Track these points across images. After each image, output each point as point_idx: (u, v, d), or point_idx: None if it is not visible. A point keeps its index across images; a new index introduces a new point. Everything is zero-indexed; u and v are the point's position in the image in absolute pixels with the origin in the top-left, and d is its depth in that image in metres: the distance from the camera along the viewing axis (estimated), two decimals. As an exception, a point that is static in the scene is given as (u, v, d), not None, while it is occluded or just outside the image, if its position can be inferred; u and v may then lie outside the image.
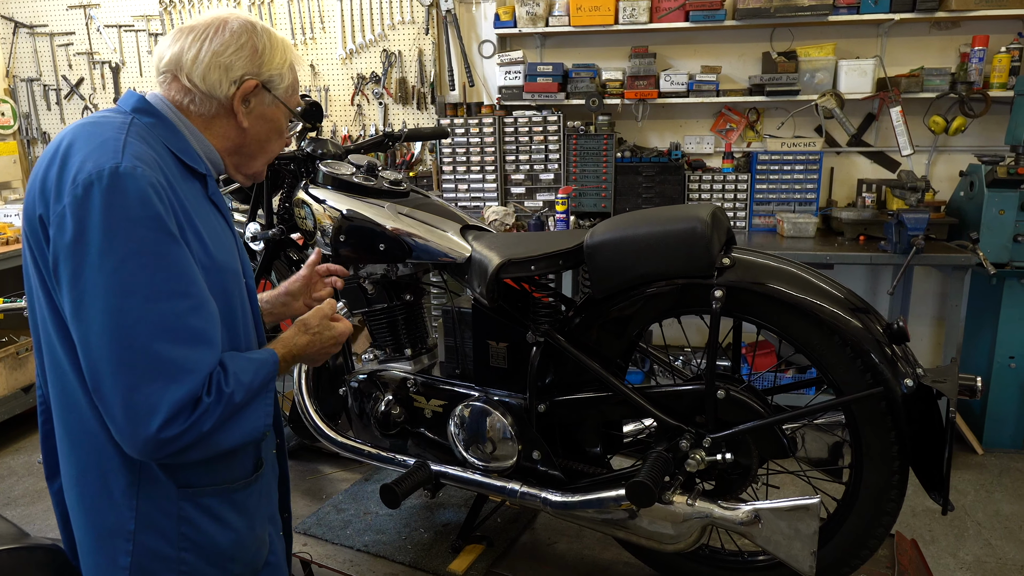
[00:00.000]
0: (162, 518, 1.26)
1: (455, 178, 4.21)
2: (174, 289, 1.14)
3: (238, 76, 1.30)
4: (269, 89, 1.34)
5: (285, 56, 1.36)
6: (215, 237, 1.28)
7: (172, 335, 1.13)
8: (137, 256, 1.11)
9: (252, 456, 1.39)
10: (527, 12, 3.98)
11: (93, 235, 1.10)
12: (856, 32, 3.94)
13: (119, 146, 1.16)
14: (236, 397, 1.20)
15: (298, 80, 1.43)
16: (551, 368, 1.95)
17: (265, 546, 1.45)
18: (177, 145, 1.28)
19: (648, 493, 1.64)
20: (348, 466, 2.62)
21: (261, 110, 1.35)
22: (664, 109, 4.21)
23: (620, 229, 1.77)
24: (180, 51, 1.29)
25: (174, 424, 1.12)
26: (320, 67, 4.32)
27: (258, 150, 1.40)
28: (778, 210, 4.05)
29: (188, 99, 1.31)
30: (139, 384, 1.11)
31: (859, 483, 1.69)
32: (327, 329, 1.47)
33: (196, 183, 1.30)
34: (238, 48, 1.30)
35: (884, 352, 1.60)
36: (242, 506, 1.35)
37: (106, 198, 1.11)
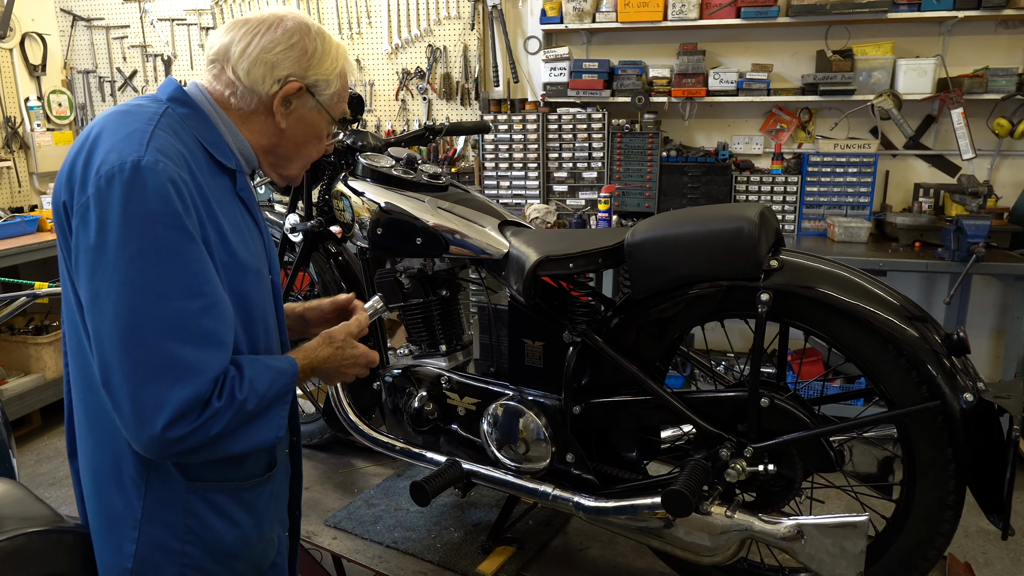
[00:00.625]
0: (169, 510, 1.25)
1: (497, 175, 4.17)
2: (187, 288, 1.12)
3: (283, 76, 1.27)
4: (313, 93, 1.31)
5: (336, 63, 1.33)
6: (239, 234, 1.26)
7: (182, 334, 1.11)
8: (152, 253, 1.10)
9: (265, 457, 1.37)
10: (574, 8, 3.92)
11: (111, 229, 1.09)
12: (916, 30, 3.78)
13: (144, 138, 1.14)
14: (249, 405, 1.18)
15: (347, 89, 1.39)
16: (588, 369, 1.89)
17: (273, 547, 1.42)
18: (208, 138, 1.26)
19: (685, 502, 1.58)
20: (381, 461, 2.60)
21: (302, 113, 1.32)
22: (712, 108, 4.11)
23: (663, 228, 1.71)
24: (230, 42, 1.27)
25: (180, 424, 1.11)
26: (366, 62, 4.33)
27: (294, 152, 1.37)
28: (829, 214, 3.91)
29: (230, 91, 1.28)
30: (147, 382, 1.10)
31: (911, 502, 1.61)
32: (350, 347, 1.42)
33: (225, 178, 1.28)
34: (287, 47, 1.27)
35: (942, 364, 1.51)
36: (251, 505, 1.34)
37: (126, 192, 1.10)
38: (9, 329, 3.99)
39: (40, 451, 3.40)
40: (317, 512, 2.31)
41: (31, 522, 1.45)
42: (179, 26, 4.50)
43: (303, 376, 1.35)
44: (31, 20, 4.42)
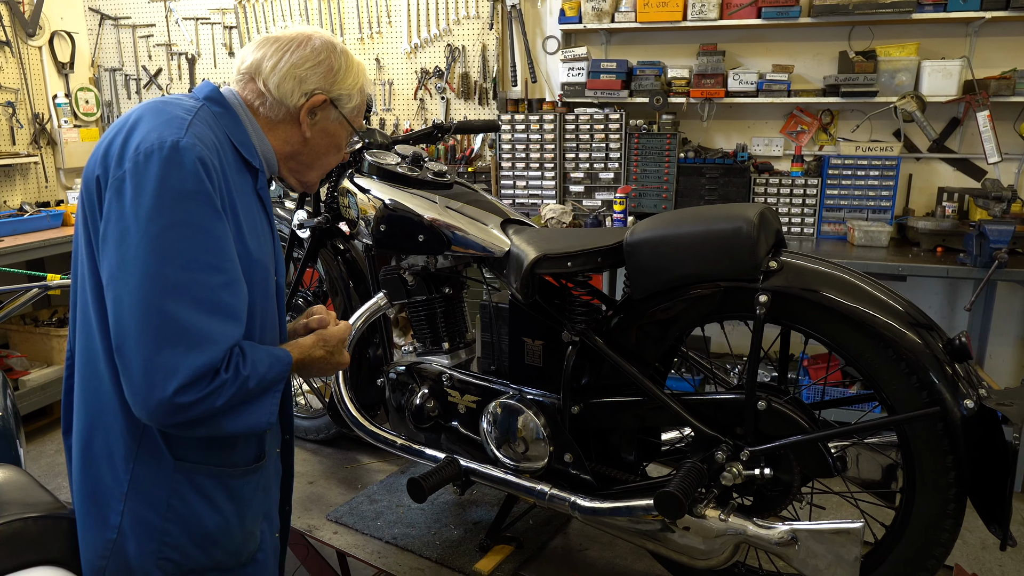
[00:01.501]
0: (154, 487, 1.29)
1: (514, 175, 4.17)
2: (211, 263, 1.18)
3: (310, 89, 1.37)
4: (336, 106, 1.41)
5: (358, 79, 1.44)
6: (253, 230, 1.33)
7: (202, 305, 1.17)
8: (182, 226, 1.16)
9: (255, 447, 1.40)
10: (593, 8, 3.91)
11: (145, 200, 1.16)
12: (942, 31, 3.71)
13: (184, 124, 1.23)
14: (251, 383, 1.22)
15: (366, 103, 1.50)
16: (587, 369, 1.88)
17: (255, 540, 1.44)
18: (238, 137, 1.34)
19: (677, 505, 1.56)
20: (386, 458, 2.62)
21: (325, 124, 1.42)
22: (731, 109, 4.07)
23: (662, 227, 1.69)
24: (262, 58, 1.37)
25: (190, 391, 1.15)
26: (385, 61, 4.36)
27: (314, 160, 1.47)
28: (850, 217, 3.85)
29: (259, 101, 1.38)
30: (162, 346, 1.14)
31: (911, 509, 1.57)
32: (339, 354, 1.49)
33: (248, 175, 1.36)
34: (315, 64, 1.38)
35: (943, 369, 1.48)
36: (236, 493, 1.37)
37: (164, 167, 1.17)
38: (33, 321, 4.08)
39: (59, 440, 3.48)
40: (320, 506, 2.33)
41: (30, 508, 1.48)
42: (203, 25, 4.57)
43: (294, 369, 1.38)
44: (60, 19, 4.52)
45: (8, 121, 4.24)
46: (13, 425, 2.02)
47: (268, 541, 1.49)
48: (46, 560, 1.42)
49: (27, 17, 4.27)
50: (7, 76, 4.24)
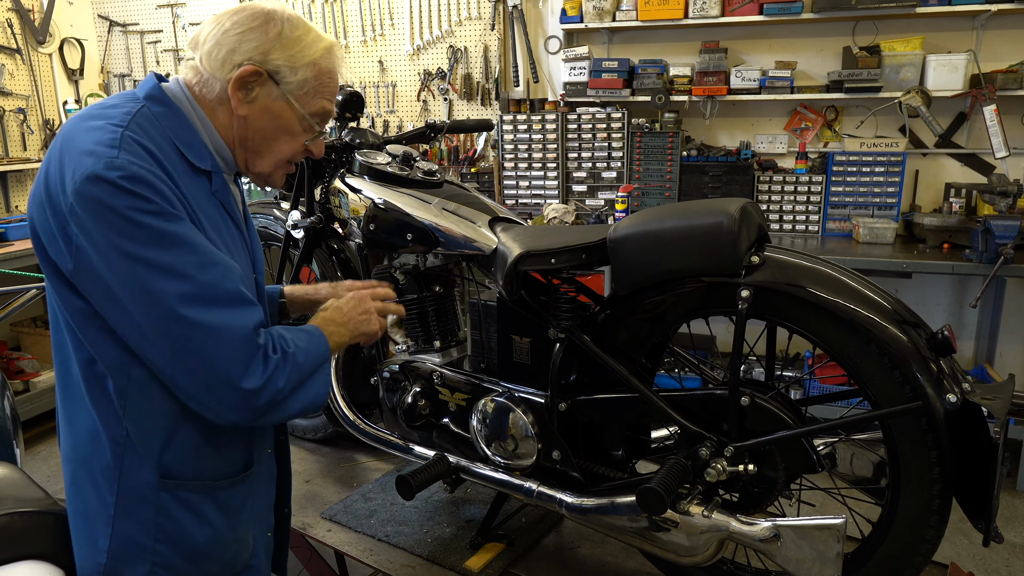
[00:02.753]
0: (140, 506, 1.25)
1: (516, 174, 4.18)
2: (201, 261, 1.15)
3: (238, 60, 1.23)
4: (276, 80, 1.26)
5: (306, 52, 1.26)
6: (219, 235, 1.26)
7: (212, 303, 1.15)
8: (155, 241, 1.11)
9: (242, 455, 1.37)
10: (594, 7, 3.91)
11: (102, 233, 1.10)
12: (947, 25, 3.67)
13: (115, 140, 1.13)
14: (299, 357, 1.24)
15: (326, 84, 1.31)
16: (574, 366, 1.88)
17: (247, 548, 1.41)
18: (183, 138, 1.23)
19: (659, 501, 1.55)
20: (383, 457, 2.63)
21: (265, 102, 1.27)
22: (734, 106, 4.05)
23: (644, 223, 1.69)
24: (201, 29, 1.26)
25: (251, 376, 1.16)
26: (388, 63, 4.39)
27: (263, 147, 1.32)
28: (855, 214, 3.82)
29: (196, 79, 1.26)
30: (213, 353, 1.14)
31: (896, 505, 1.55)
32: (358, 302, 1.48)
33: (202, 179, 1.26)
34: (247, 30, 1.23)
35: (926, 364, 1.46)
36: (225, 505, 1.34)
37: (106, 195, 1.09)
38: (44, 323, 4.14)
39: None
40: (315, 504, 2.35)
41: (21, 504, 1.50)
42: (210, 30, 4.62)
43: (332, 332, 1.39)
44: (70, 26, 4.59)
45: (19, 127, 4.32)
46: (10, 426, 2.06)
47: (260, 543, 1.46)
48: (34, 555, 1.44)
49: (37, 25, 4.35)
50: (18, 83, 4.31)
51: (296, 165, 1.83)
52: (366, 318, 1.48)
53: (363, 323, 1.48)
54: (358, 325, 1.47)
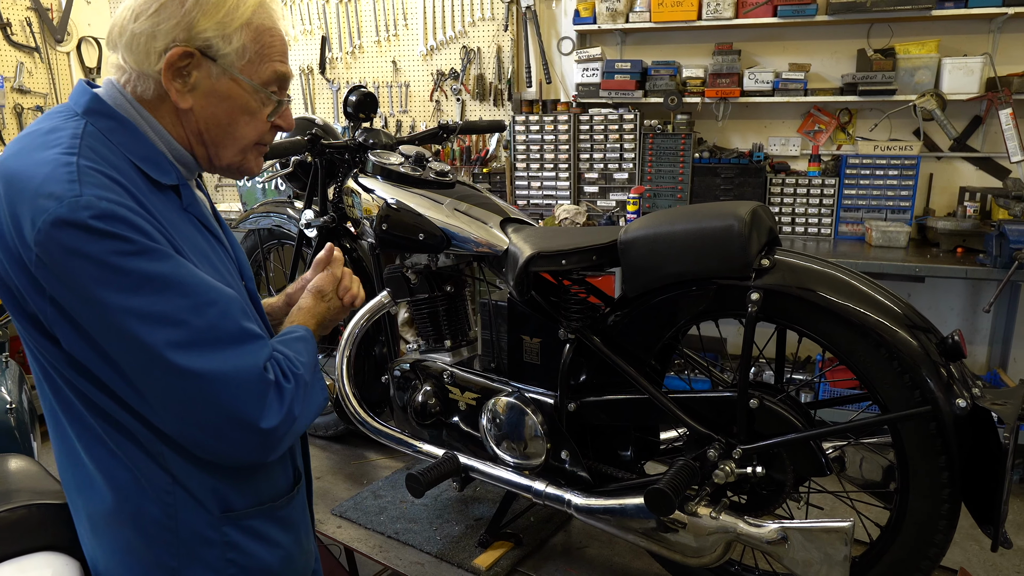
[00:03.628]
0: (206, 548, 1.15)
1: (528, 175, 4.19)
2: (195, 303, 1.01)
3: (162, 46, 1.05)
4: (211, 56, 1.07)
5: (236, 12, 1.07)
6: (201, 255, 1.13)
7: (217, 345, 1.02)
8: (142, 286, 0.98)
9: (290, 468, 1.31)
10: (607, 8, 3.92)
11: (82, 283, 0.96)
12: (963, 28, 3.65)
13: (71, 173, 0.97)
14: (307, 376, 1.15)
15: (268, 44, 1.12)
16: (583, 367, 1.89)
17: (312, 556, 1.39)
18: (139, 152, 1.08)
19: (667, 502, 1.56)
20: (393, 455, 2.65)
21: (208, 85, 1.09)
22: (747, 109, 4.04)
23: (655, 225, 1.69)
24: (114, 23, 1.08)
25: (270, 415, 1.05)
26: (401, 63, 4.41)
27: (222, 136, 1.15)
28: (868, 217, 3.81)
29: (125, 79, 1.09)
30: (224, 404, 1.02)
31: (904, 510, 1.55)
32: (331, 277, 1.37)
33: (169, 195, 1.12)
34: (159, 8, 1.04)
35: (935, 368, 1.46)
36: (287, 522, 1.27)
37: (79, 242, 0.95)
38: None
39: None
40: (326, 501, 2.37)
41: (38, 496, 1.53)
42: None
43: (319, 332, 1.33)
44: (88, 25, 4.64)
45: (38, 125, 4.37)
46: (27, 419, 2.09)
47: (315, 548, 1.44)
48: (50, 546, 1.47)
49: (56, 24, 4.40)
50: (36, 81, 4.37)
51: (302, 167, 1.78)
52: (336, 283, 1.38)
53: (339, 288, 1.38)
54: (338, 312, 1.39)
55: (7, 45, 4.19)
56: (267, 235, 2.79)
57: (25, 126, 4.30)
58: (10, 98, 4.23)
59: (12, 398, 2.03)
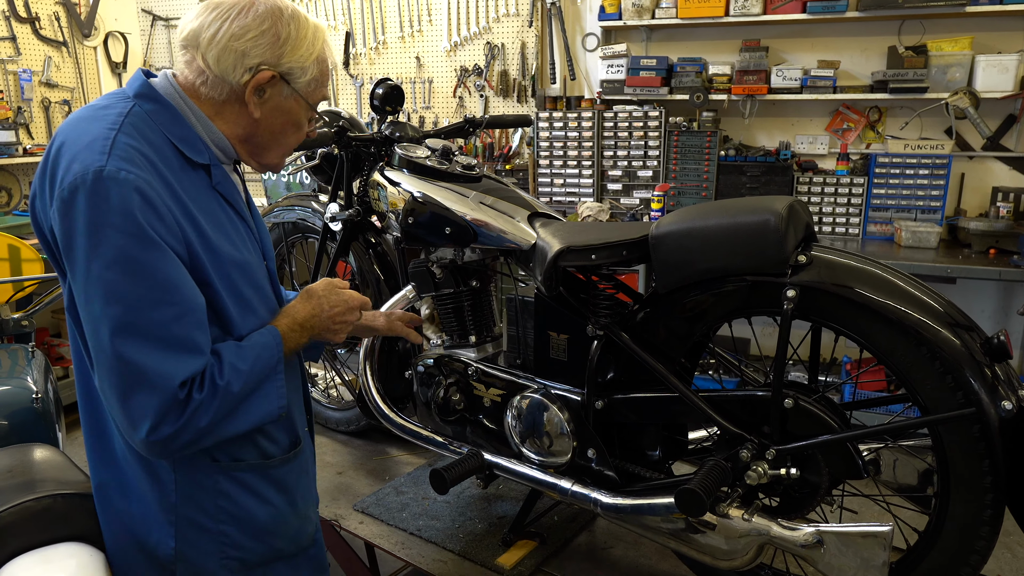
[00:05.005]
0: (200, 491, 1.29)
1: (551, 172, 4.16)
2: (157, 298, 1.12)
3: (254, 64, 1.22)
4: (288, 81, 1.26)
5: (312, 49, 1.27)
6: (220, 229, 1.25)
7: (155, 345, 1.12)
8: (119, 264, 1.09)
9: (287, 434, 1.39)
10: (633, 4, 3.88)
11: (80, 240, 1.10)
12: (998, 24, 3.57)
13: (107, 145, 1.12)
14: (234, 387, 1.19)
15: (327, 74, 1.34)
16: (611, 364, 1.86)
17: (311, 523, 1.45)
18: (178, 133, 1.22)
19: (698, 502, 1.52)
20: (415, 450, 2.63)
21: (277, 101, 1.28)
22: (774, 106, 3.99)
23: (688, 220, 1.66)
24: (200, 27, 1.22)
25: (163, 427, 1.13)
26: (425, 59, 4.39)
27: (271, 141, 1.33)
28: (897, 217, 3.74)
29: (200, 80, 1.23)
30: (129, 392, 1.12)
31: (945, 515, 1.50)
32: (333, 294, 1.41)
33: (200, 172, 1.26)
34: (259, 34, 1.21)
35: (980, 369, 1.41)
36: (281, 483, 1.37)
37: (90, 202, 1.09)
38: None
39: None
40: (348, 496, 2.35)
41: (63, 486, 1.53)
42: (250, 25, 4.67)
43: (294, 337, 1.34)
44: (115, 20, 4.68)
45: (64, 118, 4.40)
46: (53, 409, 2.09)
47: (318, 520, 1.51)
48: (74, 536, 1.47)
49: (83, 19, 4.43)
50: (64, 75, 4.40)
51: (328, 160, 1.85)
52: (339, 328, 1.44)
53: (332, 332, 1.44)
54: (325, 331, 1.42)
55: (36, 39, 4.22)
56: (291, 228, 2.79)
57: (52, 120, 4.34)
58: (38, 92, 4.26)
59: (38, 388, 2.03)
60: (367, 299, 1.48)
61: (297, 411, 1.45)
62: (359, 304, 1.46)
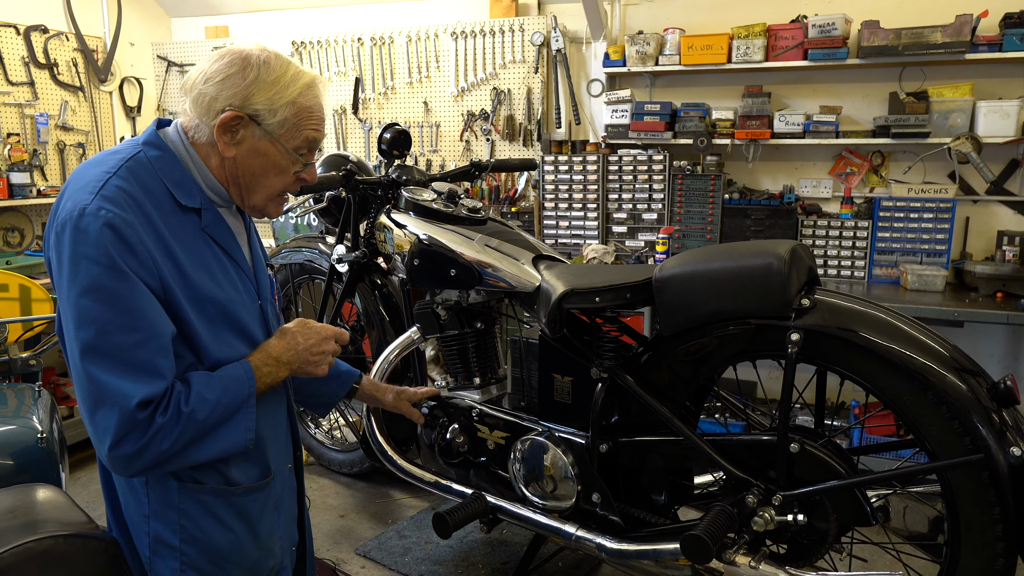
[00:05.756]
0: (167, 509, 1.35)
1: (556, 215, 4.19)
2: (123, 324, 1.20)
3: (220, 107, 1.28)
4: (257, 122, 1.31)
5: (284, 92, 1.31)
6: (203, 269, 1.32)
7: (118, 365, 1.20)
8: (93, 292, 1.19)
9: (257, 465, 1.41)
10: (637, 51, 3.95)
11: (64, 268, 1.21)
12: (998, 71, 3.61)
13: (97, 186, 1.23)
14: (199, 415, 1.25)
15: (306, 119, 1.35)
16: (616, 407, 1.85)
17: (273, 558, 1.46)
18: (173, 179, 1.31)
19: (704, 549, 1.50)
20: (418, 493, 2.60)
21: (252, 143, 1.32)
22: (778, 150, 4.02)
23: (691, 263, 1.67)
24: (189, 75, 1.33)
25: (124, 444, 1.20)
26: (432, 104, 4.47)
27: (254, 183, 1.37)
28: (902, 261, 3.73)
29: (191, 125, 1.33)
30: (94, 408, 1.20)
31: (956, 563, 1.48)
32: (305, 328, 1.47)
33: (191, 215, 1.33)
34: (225, 77, 1.28)
35: (987, 414, 1.40)
36: (243, 511, 1.39)
37: (73, 236, 1.20)
38: (91, 351, 4.23)
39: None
40: (349, 540, 2.33)
41: (64, 527, 1.52)
42: (263, 71, 4.77)
43: (269, 372, 1.38)
44: (131, 66, 4.79)
45: (79, 160, 4.48)
46: (57, 449, 2.09)
47: (287, 556, 1.51)
48: (74, 579, 1.45)
49: (100, 64, 4.54)
50: (79, 119, 4.49)
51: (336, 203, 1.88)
52: (318, 360, 1.48)
53: (312, 364, 1.48)
54: (305, 364, 1.47)
55: (53, 84, 4.32)
56: (298, 269, 2.81)
57: (66, 163, 4.41)
58: (53, 135, 4.34)
59: (43, 427, 2.03)
60: (342, 330, 1.53)
61: (274, 445, 1.47)
62: (333, 334, 1.51)
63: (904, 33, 3.46)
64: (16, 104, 4.15)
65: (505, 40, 4.27)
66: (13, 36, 4.13)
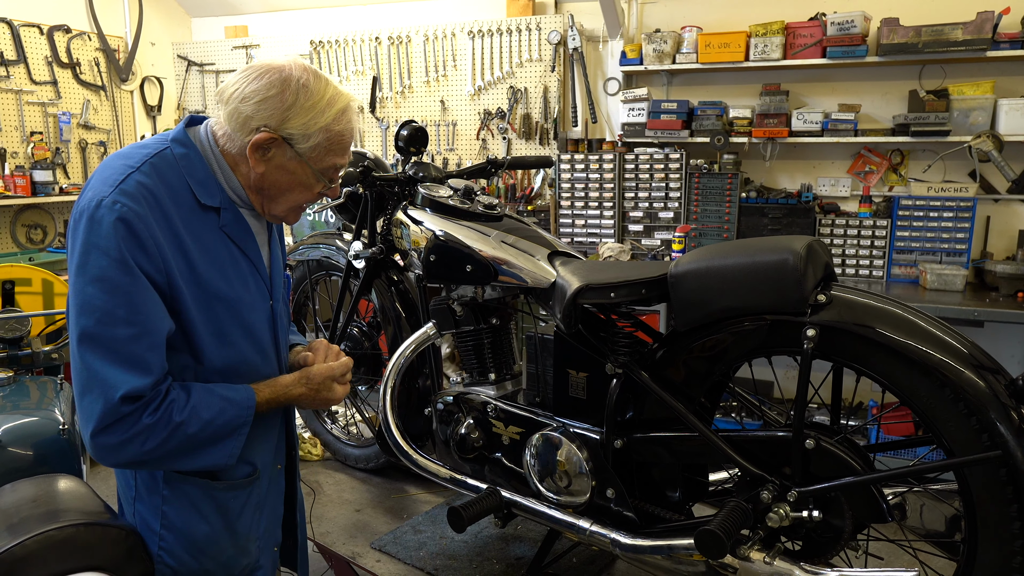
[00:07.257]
0: (151, 494, 1.41)
1: (572, 213, 4.20)
2: (122, 317, 1.23)
3: (256, 126, 1.31)
4: (291, 144, 1.34)
5: (319, 118, 1.33)
6: (217, 266, 1.35)
7: (111, 355, 1.23)
8: (98, 282, 1.23)
9: (242, 462, 1.43)
10: (654, 50, 3.95)
11: (76, 256, 1.25)
12: (1019, 69, 3.58)
13: (118, 179, 1.26)
14: (189, 428, 1.29)
15: (338, 143, 1.39)
16: (631, 403, 1.85)
17: (248, 557, 1.49)
18: (196, 177, 1.34)
19: (718, 544, 1.50)
20: (433, 489, 2.62)
21: (281, 161, 1.36)
22: (795, 149, 4.01)
23: (707, 259, 1.67)
24: (227, 85, 1.34)
25: (105, 435, 1.24)
26: (449, 103, 4.49)
27: (278, 195, 1.41)
28: (921, 260, 3.70)
29: (222, 132, 1.36)
30: (83, 393, 1.25)
31: (972, 561, 1.47)
32: (326, 390, 1.50)
33: (211, 214, 1.36)
34: (263, 99, 1.30)
35: (1005, 411, 1.39)
36: (223, 506, 1.43)
37: (87, 227, 1.24)
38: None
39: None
40: (365, 534, 2.35)
41: (85, 516, 1.55)
42: (281, 70, 4.82)
43: (266, 406, 1.42)
44: (151, 65, 4.85)
45: (100, 159, 4.55)
46: (79, 441, 2.12)
47: (267, 556, 1.53)
48: (96, 566, 1.47)
49: (121, 64, 4.61)
50: (101, 117, 4.56)
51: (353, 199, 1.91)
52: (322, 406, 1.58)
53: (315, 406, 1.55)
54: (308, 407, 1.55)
55: (76, 83, 4.39)
56: (316, 266, 2.83)
57: (88, 160, 4.48)
58: (75, 133, 4.41)
59: (65, 419, 2.07)
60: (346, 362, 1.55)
61: (264, 445, 1.49)
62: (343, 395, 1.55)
63: (924, 30, 3.43)
64: (39, 103, 4.23)
65: (522, 39, 4.29)
66: (37, 36, 4.20)
